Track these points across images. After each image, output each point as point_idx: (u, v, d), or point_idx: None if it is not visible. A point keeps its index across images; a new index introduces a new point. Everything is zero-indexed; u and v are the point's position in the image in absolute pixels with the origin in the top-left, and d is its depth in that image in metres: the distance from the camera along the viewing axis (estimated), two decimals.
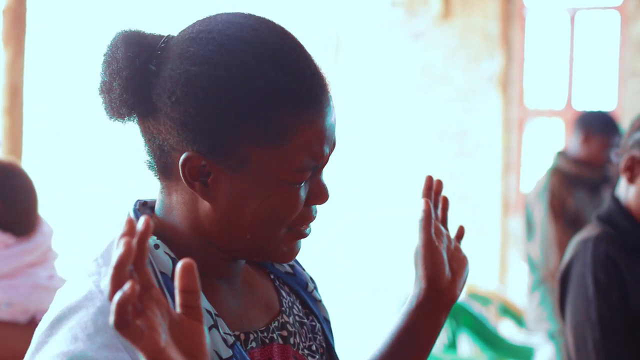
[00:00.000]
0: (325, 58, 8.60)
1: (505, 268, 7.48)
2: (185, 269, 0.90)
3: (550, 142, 7.52)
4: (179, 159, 1.12)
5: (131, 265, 0.89)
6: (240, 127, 1.10)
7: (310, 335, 1.30)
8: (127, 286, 0.85)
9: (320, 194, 1.18)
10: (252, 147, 1.10)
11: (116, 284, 0.86)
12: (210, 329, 1.12)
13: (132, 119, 1.16)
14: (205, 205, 1.14)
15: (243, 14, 1.16)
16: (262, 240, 1.15)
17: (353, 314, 7.25)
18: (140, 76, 1.12)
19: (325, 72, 1.16)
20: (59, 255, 2.27)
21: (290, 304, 1.30)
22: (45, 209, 2.34)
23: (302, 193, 1.15)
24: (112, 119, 1.15)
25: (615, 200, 2.24)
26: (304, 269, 1.37)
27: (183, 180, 1.13)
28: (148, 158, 1.17)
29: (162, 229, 1.17)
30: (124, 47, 1.13)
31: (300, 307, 1.32)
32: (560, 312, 2.24)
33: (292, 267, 1.35)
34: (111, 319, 0.85)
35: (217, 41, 1.11)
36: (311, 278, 1.37)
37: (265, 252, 1.18)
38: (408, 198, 8.09)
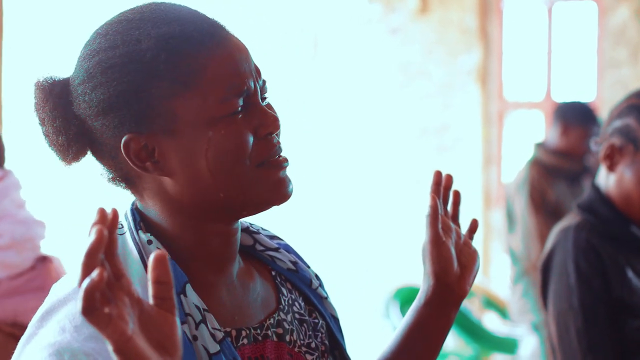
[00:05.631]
0: (303, 55, 8.59)
1: (487, 260, 7.50)
2: (158, 261, 0.89)
3: (530, 134, 7.53)
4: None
5: (102, 255, 0.88)
6: (149, 87, 1.12)
7: (311, 332, 1.28)
8: (95, 273, 0.84)
9: (264, 121, 1.17)
10: (171, 100, 1.12)
11: (86, 270, 0.85)
12: (198, 324, 1.11)
13: (83, 154, 1.19)
14: (168, 182, 1.15)
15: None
16: (237, 190, 1.15)
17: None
18: (58, 99, 1.17)
19: (214, 16, 1.19)
20: None
21: (290, 301, 1.28)
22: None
23: (243, 124, 1.14)
24: (64, 162, 1.19)
25: (596, 189, 2.24)
26: (308, 266, 1.35)
27: (135, 168, 1.14)
28: (108, 175, 1.19)
29: (151, 228, 1.18)
30: (36, 93, 1.19)
31: (302, 304, 1.31)
32: (542, 301, 2.24)
33: (294, 263, 1.33)
34: (78, 305, 0.84)
35: (102, 32, 1.16)
36: (316, 275, 1.35)
37: (252, 199, 1.16)
38: (389, 194, 8.09)
